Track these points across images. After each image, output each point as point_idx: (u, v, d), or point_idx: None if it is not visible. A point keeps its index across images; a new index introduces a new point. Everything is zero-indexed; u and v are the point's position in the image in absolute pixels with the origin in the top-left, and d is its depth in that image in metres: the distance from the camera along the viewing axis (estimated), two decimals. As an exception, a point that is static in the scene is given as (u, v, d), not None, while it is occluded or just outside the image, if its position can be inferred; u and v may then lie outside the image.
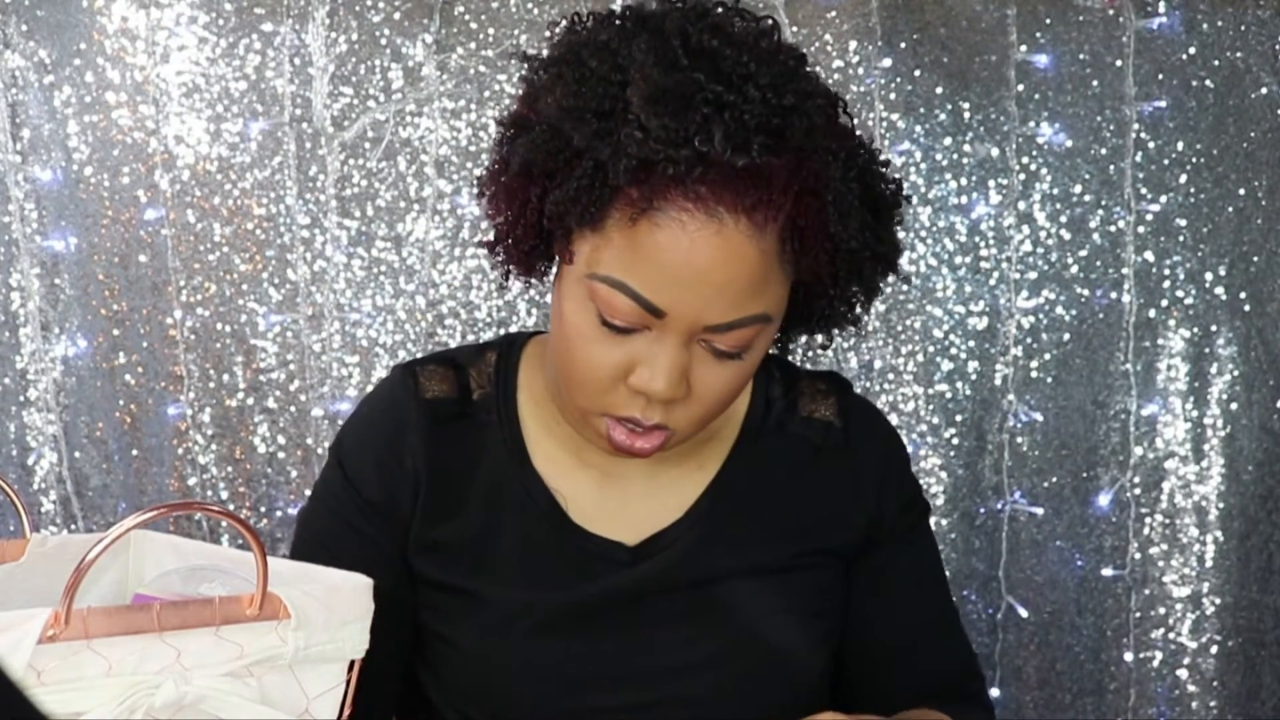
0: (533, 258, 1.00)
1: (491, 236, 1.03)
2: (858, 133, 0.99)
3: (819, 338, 1.08)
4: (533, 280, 1.05)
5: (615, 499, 1.08)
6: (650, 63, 0.90)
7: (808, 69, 0.96)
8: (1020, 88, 1.93)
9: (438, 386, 1.09)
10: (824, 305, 1.02)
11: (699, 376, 0.96)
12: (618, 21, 0.95)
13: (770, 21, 0.96)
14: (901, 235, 1.04)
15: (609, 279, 0.93)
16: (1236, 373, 1.99)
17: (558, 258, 0.99)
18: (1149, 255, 1.97)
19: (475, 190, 1.04)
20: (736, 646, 1.06)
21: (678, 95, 0.89)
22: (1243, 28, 1.93)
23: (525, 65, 0.99)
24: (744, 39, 0.93)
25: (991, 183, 1.95)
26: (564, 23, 0.98)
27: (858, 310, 1.04)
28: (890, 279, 1.03)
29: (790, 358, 1.15)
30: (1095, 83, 1.93)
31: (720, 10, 0.95)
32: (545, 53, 0.99)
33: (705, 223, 0.90)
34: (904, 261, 1.89)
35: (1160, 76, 1.93)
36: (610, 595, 1.05)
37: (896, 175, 1.01)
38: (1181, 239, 1.97)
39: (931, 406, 1.97)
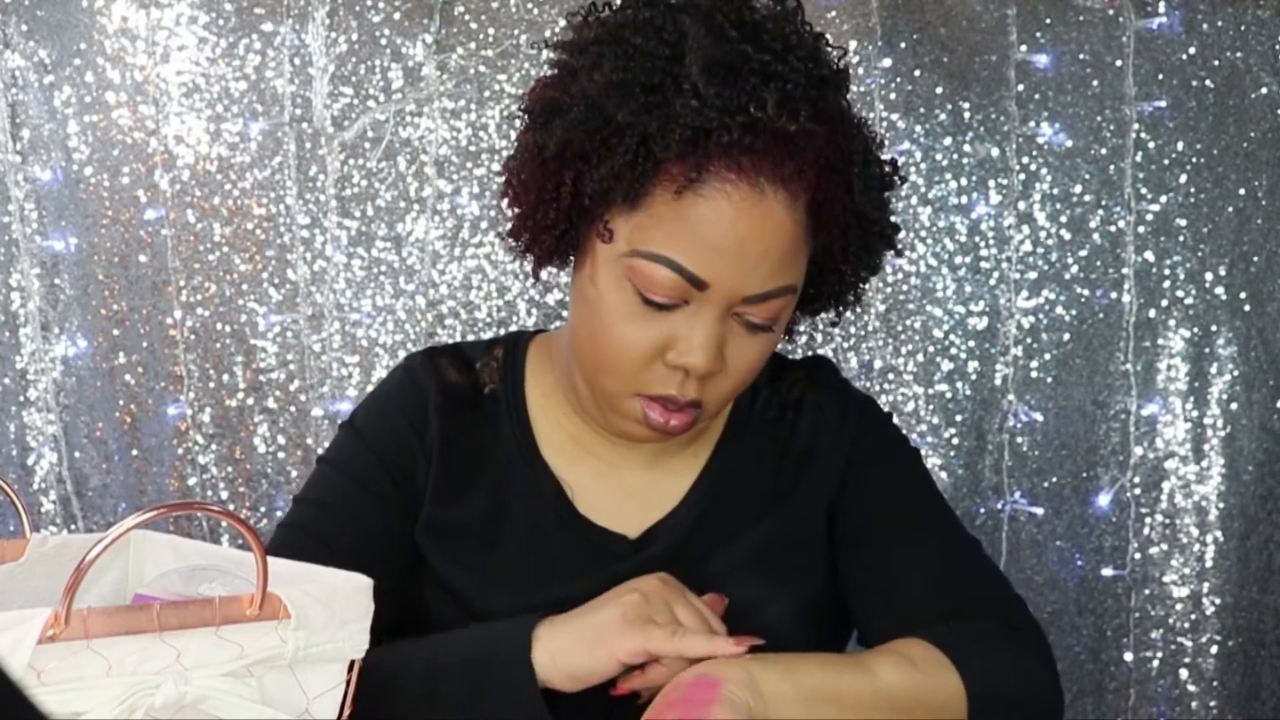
0: (562, 243, 1.02)
1: (511, 226, 1.05)
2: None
3: (823, 316, 1.12)
4: (553, 267, 1.07)
5: (617, 490, 1.10)
6: (703, 34, 0.93)
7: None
8: (1020, 88, 1.93)
9: (455, 375, 1.13)
10: (835, 281, 1.06)
11: (733, 350, 0.99)
12: (658, 2, 0.98)
13: (794, 3, 0.99)
14: (901, 234, 1.09)
15: (651, 254, 0.95)
16: (1236, 373, 1.99)
17: (589, 240, 1.00)
18: (1149, 255, 1.97)
19: (501, 183, 1.06)
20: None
21: (729, 65, 0.92)
22: (1243, 28, 1.93)
23: (554, 51, 1.01)
24: (779, 15, 0.97)
25: (991, 183, 1.95)
26: (580, 13, 1.00)
27: (861, 287, 1.09)
28: (891, 275, 1.06)
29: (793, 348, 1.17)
30: (1095, 83, 1.93)
31: None
32: (558, 37, 1.01)
33: (748, 193, 0.93)
34: (904, 262, 1.90)
35: (1160, 76, 1.93)
36: (611, 588, 1.04)
37: (890, 156, 1.06)
38: (1181, 239, 1.97)
39: (931, 406, 1.97)
